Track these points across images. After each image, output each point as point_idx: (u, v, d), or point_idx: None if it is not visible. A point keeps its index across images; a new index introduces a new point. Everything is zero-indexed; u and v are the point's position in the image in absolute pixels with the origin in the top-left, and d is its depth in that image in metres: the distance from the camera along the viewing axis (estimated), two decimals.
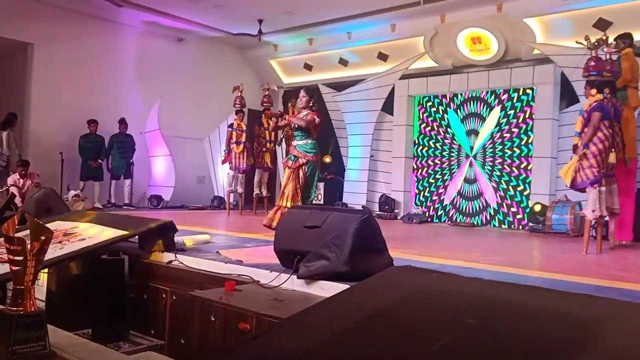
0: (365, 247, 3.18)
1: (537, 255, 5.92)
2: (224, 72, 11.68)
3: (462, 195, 9.50)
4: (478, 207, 9.30)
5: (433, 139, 9.94)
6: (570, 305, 2.22)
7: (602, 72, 5.60)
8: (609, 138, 5.42)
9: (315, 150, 6.18)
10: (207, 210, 10.41)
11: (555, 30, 8.62)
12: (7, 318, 1.69)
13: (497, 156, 9.12)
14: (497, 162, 9.11)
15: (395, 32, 10.18)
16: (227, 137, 9.61)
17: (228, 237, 5.63)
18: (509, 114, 9.00)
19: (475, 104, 9.43)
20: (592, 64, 5.63)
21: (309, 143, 6.15)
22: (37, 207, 4.98)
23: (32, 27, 9.39)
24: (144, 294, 3.83)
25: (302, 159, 6.08)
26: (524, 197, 8.73)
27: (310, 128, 6.13)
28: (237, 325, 2.72)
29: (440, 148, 9.84)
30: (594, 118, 5.38)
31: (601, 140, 5.38)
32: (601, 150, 5.38)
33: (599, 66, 5.60)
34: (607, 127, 5.41)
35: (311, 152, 6.14)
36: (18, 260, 1.68)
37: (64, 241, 3.62)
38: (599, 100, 5.47)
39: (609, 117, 5.44)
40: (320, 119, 6.23)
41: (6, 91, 10.09)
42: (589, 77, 5.65)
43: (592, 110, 5.43)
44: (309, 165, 6.11)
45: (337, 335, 1.91)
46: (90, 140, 9.81)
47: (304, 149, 6.12)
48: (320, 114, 6.34)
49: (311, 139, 6.16)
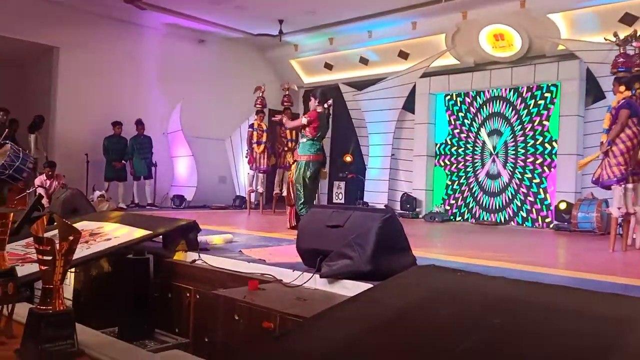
0: (388, 247, 3.16)
1: (562, 254, 5.83)
2: (245, 73, 11.75)
3: (486, 192, 9.40)
4: (501, 203, 9.19)
5: (457, 138, 9.86)
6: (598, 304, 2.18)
7: (630, 68, 5.50)
8: (637, 135, 5.32)
9: (307, 150, 6.09)
10: (229, 210, 10.48)
11: (580, 25, 8.47)
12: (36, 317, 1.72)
13: (519, 154, 9.00)
14: (519, 160, 9.00)
15: (416, 30, 10.11)
16: (248, 137, 9.66)
17: (250, 237, 5.65)
18: (532, 112, 8.88)
19: (498, 103, 9.32)
20: (620, 60, 5.53)
21: (304, 142, 6.13)
22: (64, 207, 5.07)
23: (58, 32, 9.57)
24: (168, 293, 3.87)
25: (298, 159, 6.11)
26: (548, 194, 8.60)
27: (305, 129, 6.09)
28: (260, 324, 2.73)
29: (464, 147, 9.75)
30: (621, 115, 5.29)
31: (630, 138, 5.29)
32: (629, 147, 5.29)
33: (627, 62, 5.50)
34: (636, 125, 5.31)
35: (304, 151, 6.09)
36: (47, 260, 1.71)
37: (91, 241, 3.68)
38: (628, 97, 5.37)
39: (637, 115, 5.34)
40: (309, 117, 6.08)
41: (33, 94, 10.31)
42: (617, 74, 5.55)
43: (620, 107, 5.33)
44: (298, 164, 6.07)
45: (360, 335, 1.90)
46: (115, 142, 9.97)
47: (301, 149, 6.14)
48: (316, 113, 6.14)
49: (306, 138, 6.12)
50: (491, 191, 9.33)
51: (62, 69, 9.77)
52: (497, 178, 9.27)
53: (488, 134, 9.41)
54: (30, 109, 9.64)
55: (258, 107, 9.58)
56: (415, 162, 10.14)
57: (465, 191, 9.65)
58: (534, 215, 8.77)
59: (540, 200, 8.72)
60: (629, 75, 5.49)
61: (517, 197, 8.97)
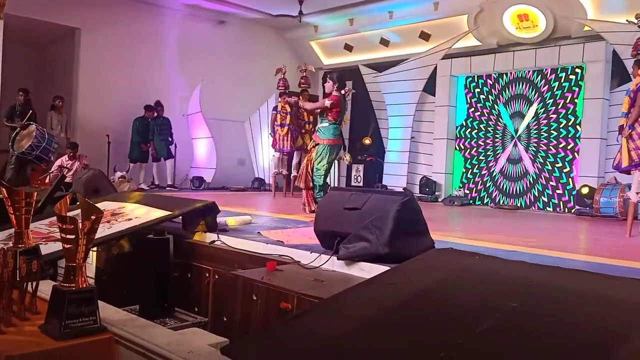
0: (406, 230, 3.16)
1: (583, 239, 5.76)
2: (265, 54, 11.72)
3: (506, 177, 9.31)
4: (522, 188, 9.09)
5: (477, 121, 9.74)
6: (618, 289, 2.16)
7: None
8: None
9: (330, 134, 6.05)
10: (248, 192, 10.54)
11: (607, 5, 8.24)
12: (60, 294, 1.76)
13: (542, 138, 8.87)
14: (542, 143, 8.87)
15: (437, 11, 9.94)
16: (272, 120, 9.64)
17: (269, 218, 5.69)
18: (556, 94, 8.72)
19: (521, 85, 9.17)
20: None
21: (325, 127, 6.09)
22: (86, 188, 5.16)
23: (79, 13, 9.63)
24: (187, 273, 3.93)
25: (318, 141, 6.09)
26: (570, 179, 8.48)
27: (326, 112, 6.06)
28: (278, 304, 2.77)
29: (484, 129, 9.63)
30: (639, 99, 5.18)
31: None
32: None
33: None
34: None
35: (327, 135, 6.06)
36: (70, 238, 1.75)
37: (112, 221, 3.74)
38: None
39: None
40: (332, 101, 6.04)
41: (54, 75, 10.42)
42: (638, 56, 5.42)
43: (639, 90, 5.21)
44: (320, 148, 6.06)
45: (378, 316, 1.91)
46: (144, 124, 10.08)
47: (320, 132, 6.12)
48: (337, 97, 6.09)
49: (327, 122, 6.07)
50: (512, 176, 9.23)
51: (83, 51, 9.86)
52: (519, 162, 9.16)
53: (510, 117, 9.28)
54: (52, 90, 9.75)
55: (281, 89, 9.55)
56: (435, 145, 10.05)
57: (485, 175, 9.56)
58: (555, 199, 8.66)
59: (562, 184, 8.60)
60: None
61: (539, 182, 8.86)
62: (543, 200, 8.81)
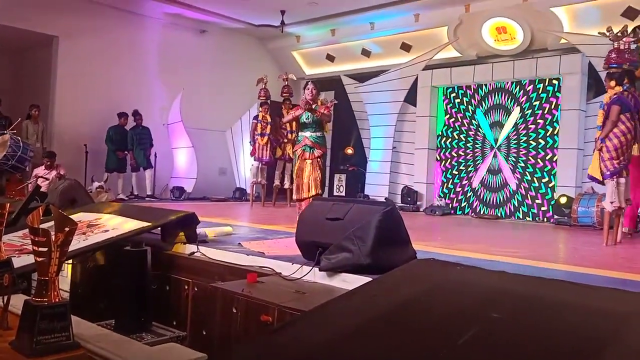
0: (389, 240, 3.14)
1: (562, 248, 5.82)
2: (246, 64, 11.70)
3: (486, 187, 9.39)
4: (502, 198, 9.18)
5: (457, 131, 9.83)
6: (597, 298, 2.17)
7: (622, 64, 5.50)
8: (631, 131, 5.34)
9: (325, 142, 6.34)
10: (229, 202, 10.47)
11: (583, 19, 8.41)
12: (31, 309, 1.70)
13: (521, 147, 8.97)
14: (521, 153, 8.97)
15: (418, 22, 10.06)
16: (252, 129, 9.61)
17: (250, 229, 5.64)
18: (535, 105, 8.84)
19: (500, 95, 9.29)
20: (613, 56, 5.54)
21: (321, 135, 6.23)
22: (62, 198, 5.04)
23: (57, 20, 9.52)
24: (166, 286, 3.85)
25: (318, 150, 6.15)
26: (549, 189, 8.59)
27: (325, 121, 6.21)
28: (259, 317, 2.72)
29: (464, 140, 9.72)
30: (612, 112, 5.30)
31: (623, 133, 5.30)
32: (622, 143, 5.30)
33: (620, 58, 5.50)
34: (629, 120, 5.32)
35: (324, 144, 6.27)
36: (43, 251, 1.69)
37: (88, 232, 3.66)
38: (619, 93, 5.36)
39: (629, 110, 5.35)
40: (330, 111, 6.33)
41: (31, 83, 10.26)
42: (610, 70, 5.55)
43: (611, 103, 5.34)
44: (323, 156, 6.22)
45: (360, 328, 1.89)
46: (119, 132, 9.95)
47: (319, 141, 6.17)
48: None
49: (322, 131, 6.25)
50: (492, 186, 9.31)
51: (61, 59, 9.72)
52: (499, 173, 9.24)
53: (490, 126, 9.37)
54: (28, 99, 9.59)
55: (262, 99, 9.53)
56: (416, 155, 10.11)
57: (465, 185, 9.63)
58: (535, 209, 8.75)
59: (541, 194, 8.69)
60: (620, 71, 5.49)
61: (519, 191, 8.95)
62: (523, 210, 8.89)
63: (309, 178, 6.07)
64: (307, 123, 6.22)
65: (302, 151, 6.21)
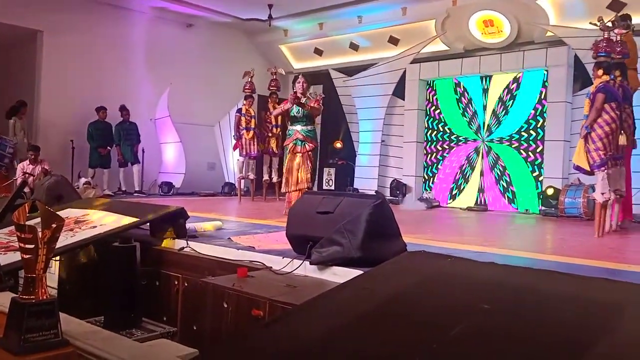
0: (379, 233, 3.15)
1: (550, 239, 5.86)
2: (234, 58, 11.62)
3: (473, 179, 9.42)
4: (489, 190, 9.21)
5: (442, 123, 9.85)
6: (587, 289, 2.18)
7: (611, 53, 5.49)
8: (616, 120, 5.29)
9: (316, 137, 6.41)
10: (218, 197, 10.42)
11: (569, 11, 8.46)
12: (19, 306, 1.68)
13: (505, 138, 9.02)
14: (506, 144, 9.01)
15: (406, 16, 10.05)
16: (236, 123, 9.50)
17: (239, 224, 5.62)
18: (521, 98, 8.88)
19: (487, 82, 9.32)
20: (602, 45, 5.51)
21: (311, 130, 6.27)
22: (48, 194, 4.98)
23: (42, 15, 9.38)
24: (156, 281, 3.83)
25: (310, 144, 6.17)
26: (539, 182, 8.64)
27: (315, 115, 6.26)
28: (249, 311, 2.71)
29: (449, 132, 9.74)
30: (597, 100, 5.26)
31: (607, 123, 5.26)
32: (607, 132, 5.26)
33: (609, 47, 5.49)
34: (614, 109, 5.28)
35: (314, 137, 6.34)
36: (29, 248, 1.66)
37: (76, 229, 3.62)
38: (605, 81, 5.34)
39: (615, 99, 5.30)
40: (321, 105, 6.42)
41: (16, 79, 10.12)
42: (598, 58, 5.53)
43: (597, 91, 5.31)
44: (314, 150, 6.28)
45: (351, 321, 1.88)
46: (100, 128, 9.84)
47: (310, 134, 6.20)
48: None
49: (313, 125, 6.30)
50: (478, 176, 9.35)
51: (46, 53, 9.60)
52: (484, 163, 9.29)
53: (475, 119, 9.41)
54: (13, 94, 9.47)
55: (247, 92, 9.48)
56: (405, 148, 10.13)
57: (451, 177, 9.67)
58: (522, 200, 8.80)
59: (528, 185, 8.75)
60: (609, 61, 5.49)
61: (505, 182, 9.00)
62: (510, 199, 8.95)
63: (299, 172, 6.07)
64: (298, 117, 6.21)
65: (294, 145, 6.20)
